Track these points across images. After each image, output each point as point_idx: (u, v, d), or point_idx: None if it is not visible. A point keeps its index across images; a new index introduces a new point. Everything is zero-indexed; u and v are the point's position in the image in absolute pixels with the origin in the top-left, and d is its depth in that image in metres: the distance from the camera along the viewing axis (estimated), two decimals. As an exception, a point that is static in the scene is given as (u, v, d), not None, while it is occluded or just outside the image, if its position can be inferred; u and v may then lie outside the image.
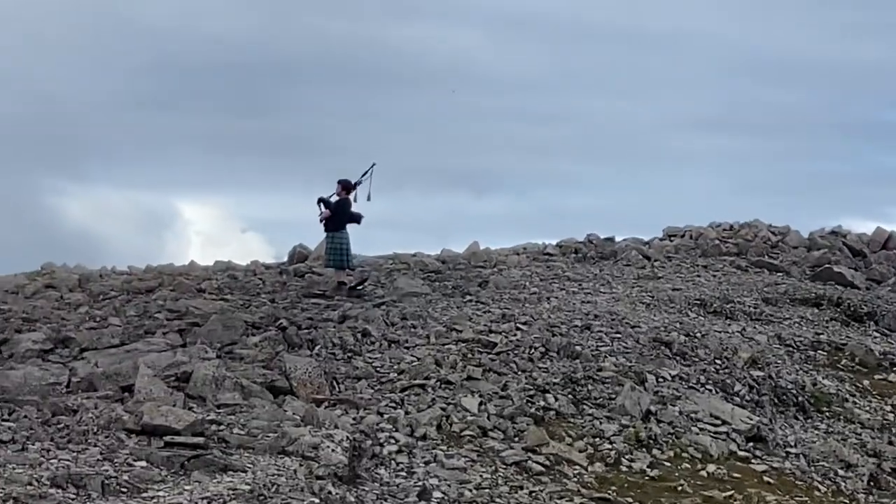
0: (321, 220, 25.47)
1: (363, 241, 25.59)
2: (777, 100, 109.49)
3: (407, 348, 19.32)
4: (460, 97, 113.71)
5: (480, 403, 17.22)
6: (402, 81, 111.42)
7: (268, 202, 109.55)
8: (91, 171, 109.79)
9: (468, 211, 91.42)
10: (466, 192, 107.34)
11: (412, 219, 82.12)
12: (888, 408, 21.05)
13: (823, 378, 21.50)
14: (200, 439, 14.06)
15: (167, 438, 13.98)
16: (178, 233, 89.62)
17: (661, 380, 19.22)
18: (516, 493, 15.11)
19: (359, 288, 25.35)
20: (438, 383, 17.74)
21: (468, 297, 23.96)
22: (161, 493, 12.32)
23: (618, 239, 34.99)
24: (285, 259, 32.86)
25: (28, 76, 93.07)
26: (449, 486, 14.81)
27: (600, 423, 17.41)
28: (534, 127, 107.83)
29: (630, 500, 15.72)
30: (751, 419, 18.46)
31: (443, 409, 16.90)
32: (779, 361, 21.43)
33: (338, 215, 25.32)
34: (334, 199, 25.47)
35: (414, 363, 18.51)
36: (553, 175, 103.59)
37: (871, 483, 17.92)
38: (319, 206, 25.50)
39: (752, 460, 17.59)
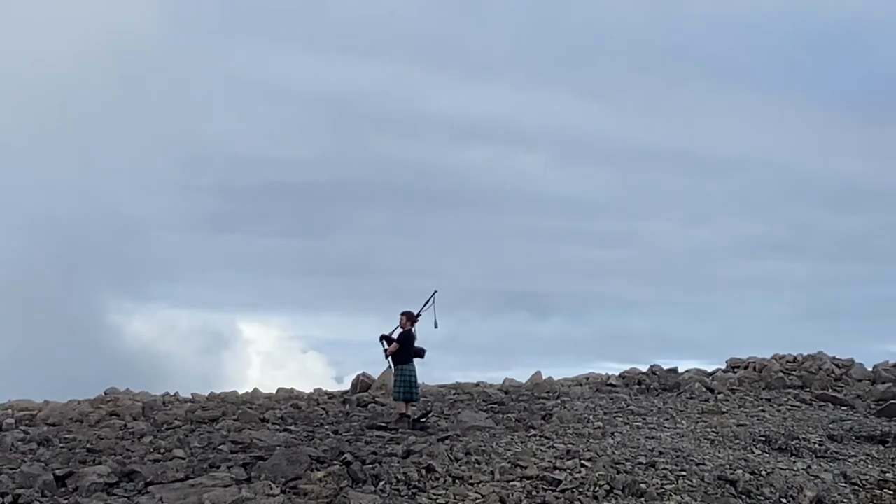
0: (387, 357, 25.54)
1: (424, 364, 25.61)
2: (840, 224, 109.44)
3: (471, 485, 19.18)
4: (520, 219, 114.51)
5: (545, 542, 17.13)
6: (462, 203, 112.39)
7: (328, 322, 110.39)
8: (154, 290, 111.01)
9: (528, 332, 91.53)
10: (526, 313, 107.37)
11: (472, 340, 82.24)
12: (955, 548, 20.74)
13: (890, 518, 21.23)
14: (266, 579, 14.07)
15: (232, 578, 13.99)
16: (238, 352, 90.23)
17: (726, 519, 19.05)
18: None
19: (422, 420, 25.36)
20: (503, 521, 17.65)
21: (532, 432, 23.84)
22: None
23: (680, 368, 34.89)
24: (347, 384, 33.04)
25: (97, 196, 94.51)
26: None
27: (666, 563, 17.27)
28: (594, 249, 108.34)
29: None
30: (817, 560, 18.28)
31: (507, 547, 16.83)
32: (844, 500, 21.11)
33: (405, 347, 25.40)
34: (398, 332, 25.57)
35: (479, 500, 18.39)
36: (613, 298, 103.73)
37: None
38: (382, 343, 25.59)
39: None
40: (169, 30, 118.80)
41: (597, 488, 19.30)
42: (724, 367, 35.81)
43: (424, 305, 25.78)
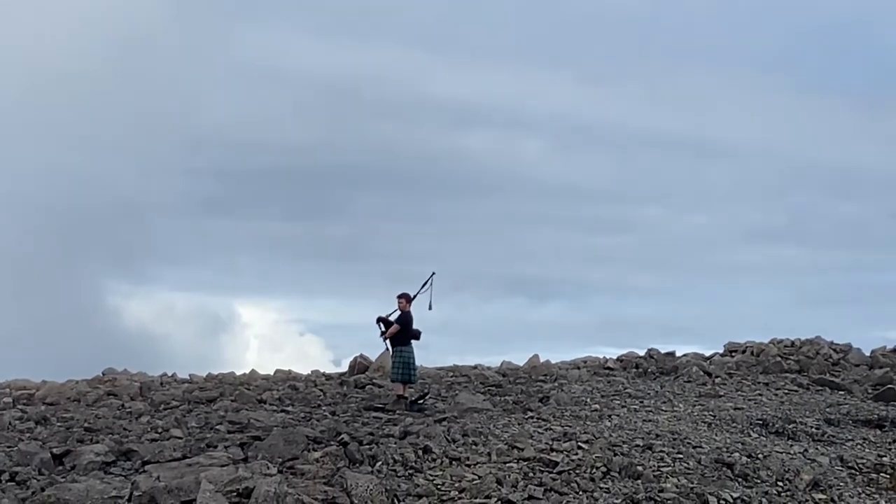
0: (385, 339, 25.48)
1: (422, 347, 25.62)
2: (839, 211, 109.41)
3: (468, 466, 19.15)
4: (520, 204, 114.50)
5: (541, 523, 17.09)
6: (461, 188, 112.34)
7: (326, 306, 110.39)
8: (152, 273, 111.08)
9: (526, 317, 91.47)
10: (525, 298, 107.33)
11: (471, 325, 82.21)
12: (951, 532, 20.73)
13: (886, 501, 21.13)
14: (262, 558, 14.04)
15: (229, 556, 13.97)
16: (236, 335, 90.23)
17: (722, 502, 18.92)
18: None
19: (420, 402, 25.34)
20: (499, 502, 17.58)
21: (529, 414, 23.83)
22: None
23: (678, 353, 34.89)
24: (345, 367, 33.00)
25: (96, 179, 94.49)
26: None
27: (662, 545, 17.25)
28: (593, 234, 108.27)
29: None
30: (813, 543, 18.26)
31: (503, 528, 16.78)
32: (841, 484, 21.09)
33: (404, 329, 25.38)
34: (396, 314, 25.52)
35: (475, 481, 18.33)
36: (612, 283, 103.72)
37: None
38: (379, 325, 25.56)
39: (814, 585, 17.38)
40: (169, 14, 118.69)
41: (593, 470, 19.26)
42: (721, 351, 35.84)
43: (422, 287, 25.77)
